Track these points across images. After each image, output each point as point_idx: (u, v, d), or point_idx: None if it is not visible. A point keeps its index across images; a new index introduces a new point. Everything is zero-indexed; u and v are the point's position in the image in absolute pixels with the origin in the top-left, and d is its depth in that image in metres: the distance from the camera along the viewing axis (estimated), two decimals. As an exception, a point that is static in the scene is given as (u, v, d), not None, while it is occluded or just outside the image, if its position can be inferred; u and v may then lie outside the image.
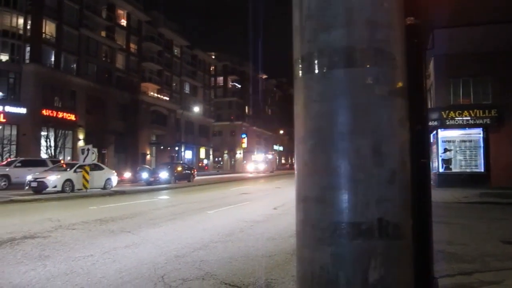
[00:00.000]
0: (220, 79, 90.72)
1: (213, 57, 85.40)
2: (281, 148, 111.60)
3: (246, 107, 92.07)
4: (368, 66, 1.38)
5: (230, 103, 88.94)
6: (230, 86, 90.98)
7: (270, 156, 71.05)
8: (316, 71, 1.43)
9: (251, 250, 6.77)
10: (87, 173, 19.64)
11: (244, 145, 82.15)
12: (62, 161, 26.71)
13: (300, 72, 1.50)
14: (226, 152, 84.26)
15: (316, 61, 1.43)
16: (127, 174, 34.99)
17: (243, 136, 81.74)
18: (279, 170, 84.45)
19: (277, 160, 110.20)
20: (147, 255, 6.37)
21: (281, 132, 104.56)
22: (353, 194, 1.35)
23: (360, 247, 1.33)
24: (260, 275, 5.29)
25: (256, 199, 16.98)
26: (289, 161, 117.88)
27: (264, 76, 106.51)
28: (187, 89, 72.40)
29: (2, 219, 10.78)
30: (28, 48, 42.76)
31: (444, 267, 5.22)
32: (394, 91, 1.39)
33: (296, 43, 1.53)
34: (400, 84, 1.41)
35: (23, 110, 40.00)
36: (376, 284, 1.31)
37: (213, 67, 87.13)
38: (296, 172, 1.55)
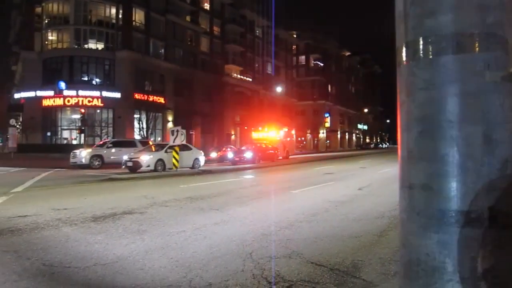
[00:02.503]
0: (302, 58, 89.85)
1: (295, 36, 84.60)
2: (365, 127, 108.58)
3: (329, 86, 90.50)
4: (478, 51, 1.32)
5: (313, 82, 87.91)
6: (312, 64, 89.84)
7: None
8: (422, 58, 1.39)
9: (336, 231, 6.75)
10: (177, 153, 20.61)
11: (328, 124, 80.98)
12: (150, 142, 28.24)
13: (404, 59, 1.46)
14: (309, 131, 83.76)
15: (421, 48, 1.39)
16: (213, 154, 36.21)
17: (326, 115, 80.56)
18: (364, 149, 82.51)
19: (361, 139, 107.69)
20: (235, 232, 6.59)
21: (365, 110, 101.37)
22: (462, 182, 1.32)
23: (469, 236, 1.30)
24: (346, 255, 5.26)
25: (340, 179, 16.79)
26: (374, 140, 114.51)
27: (347, 53, 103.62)
28: (269, 69, 72.66)
29: (103, 195, 11.75)
30: (120, 36, 45.37)
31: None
32: (506, 76, 1.31)
33: (400, 30, 1.49)
34: (513, 69, 1.33)
35: (117, 95, 42.78)
36: (486, 274, 1.27)
37: (295, 46, 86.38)
38: (400, 159, 1.53)
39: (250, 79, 64.85)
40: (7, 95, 62.73)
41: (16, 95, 47.98)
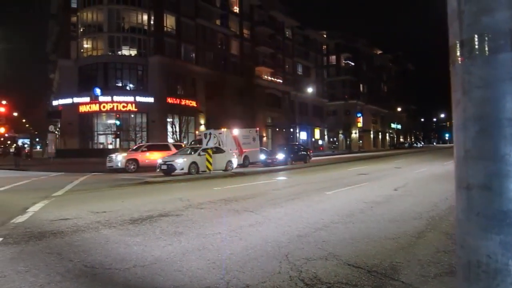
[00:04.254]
0: (333, 57, 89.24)
1: (325, 35, 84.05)
2: (399, 126, 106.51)
3: (361, 85, 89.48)
4: None
5: (344, 82, 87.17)
6: (343, 64, 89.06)
7: None
8: (478, 55, 1.35)
9: (373, 232, 6.65)
10: (210, 156, 20.80)
11: (360, 124, 79.93)
12: (183, 145, 28.78)
13: (459, 57, 1.43)
14: (341, 132, 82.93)
15: (477, 46, 1.35)
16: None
17: (358, 115, 79.49)
18: (397, 149, 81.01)
19: (395, 139, 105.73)
20: (270, 234, 6.58)
21: (399, 109, 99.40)
22: (525, 182, 1.26)
23: (534, 237, 1.25)
24: (384, 257, 5.18)
25: (375, 179, 16.53)
26: (408, 139, 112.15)
27: (379, 52, 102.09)
28: (299, 70, 72.48)
29: (140, 198, 11.98)
30: (152, 42, 46.22)
31: None
32: None
33: (453, 27, 1.46)
34: None
35: (150, 99, 43.58)
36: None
37: (325, 46, 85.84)
38: (455, 159, 1.49)
39: (281, 81, 64.79)
40: (46, 102, 64.91)
41: (54, 102, 49.60)
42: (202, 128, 45.95)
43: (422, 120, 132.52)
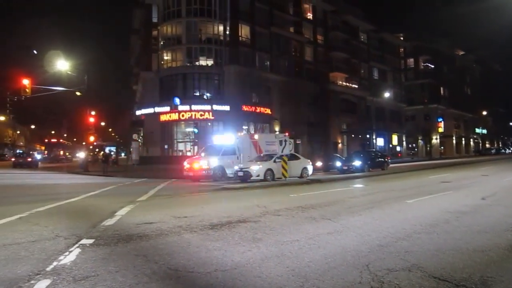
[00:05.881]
0: (411, 60, 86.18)
1: (402, 38, 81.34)
2: (484, 131, 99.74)
3: (441, 88, 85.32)
4: None
5: (423, 85, 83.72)
6: (421, 67, 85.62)
7: None
8: None
9: (459, 243, 6.29)
10: (286, 163, 20.86)
11: (441, 129, 75.99)
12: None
13: None
14: (420, 137, 79.43)
15: None
16: (319, 163, 35.92)
17: (439, 119, 75.64)
18: (483, 155, 75.86)
19: (480, 145, 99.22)
20: (349, 243, 6.46)
21: (484, 113, 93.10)
22: None
23: None
24: (473, 271, 4.88)
25: (459, 187, 15.62)
26: (495, 145, 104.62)
27: (461, 52, 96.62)
28: (375, 74, 70.78)
29: (219, 204, 12.31)
30: (227, 52, 47.49)
31: None
32: None
33: None
34: None
35: (227, 108, 44.73)
36: None
37: (402, 49, 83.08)
38: None
39: (356, 86, 63.58)
40: (130, 112, 68.90)
41: (138, 112, 52.59)
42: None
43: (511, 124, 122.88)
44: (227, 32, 47.86)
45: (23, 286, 4.45)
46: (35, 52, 61.54)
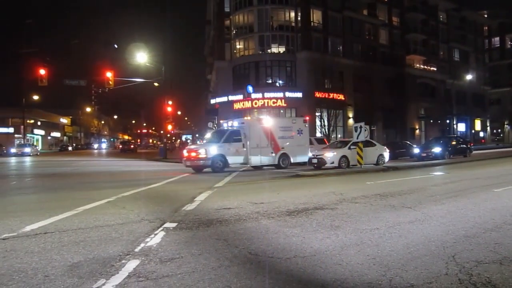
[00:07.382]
0: (496, 39, 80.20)
1: (486, 15, 75.75)
2: None
3: (533, 68, 78.57)
4: None
5: (510, 66, 77.50)
6: (508, 46, 79.21)
7: None
8: None
9: (560, 237, 5.81)
10: (361, 149, 20.41)
11: (532, 113, 70.32)
12: (326, 142, 28.40)
13: None
14: (506, 122, 74.01)
15: None
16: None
17: (530, 102, 69.99)
18: None
19: None
20: (432, 232, 6.20)
21: None
22: None
23: None
24: None
25: (557, 176, 14.41)
26: None
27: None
28: (456, 56, 66.73)
29: (294, 190, 12.32)
30: (299, 38, 47.10)
31: None
32: None
33: None
34: None
35: (299, 94, 44.55)
36: None
37: (486, 27, 77.38)
38: None
39: (435, 68, 60.39)
40: (205, 101, 70.91)
41: (212, 101, 53.98)
42: (351, 121, 45.33)
43: None
44: (299, 18, 47.42)
45: (115, 265, 4.75)
46: (115, 46, 65.10)
